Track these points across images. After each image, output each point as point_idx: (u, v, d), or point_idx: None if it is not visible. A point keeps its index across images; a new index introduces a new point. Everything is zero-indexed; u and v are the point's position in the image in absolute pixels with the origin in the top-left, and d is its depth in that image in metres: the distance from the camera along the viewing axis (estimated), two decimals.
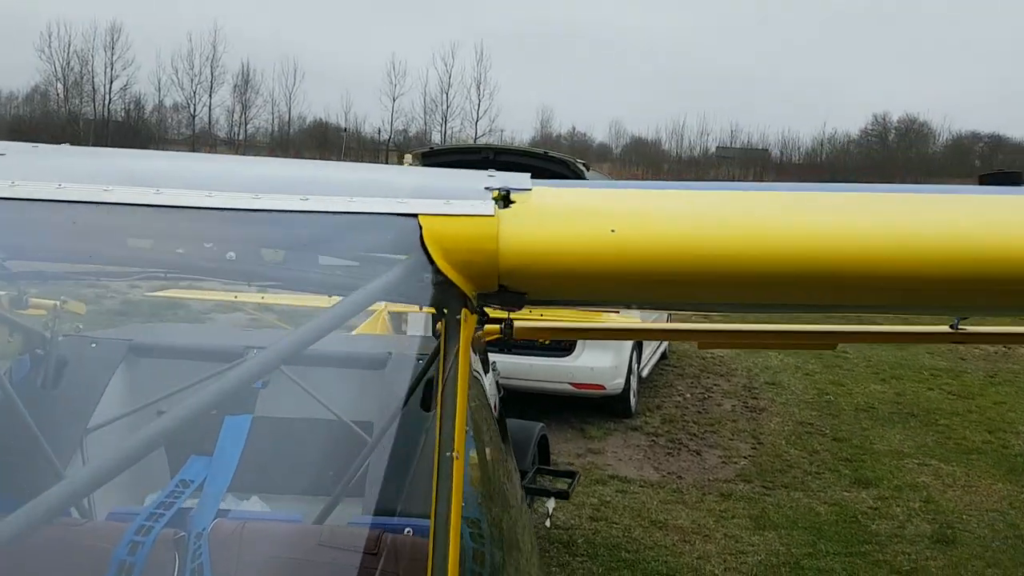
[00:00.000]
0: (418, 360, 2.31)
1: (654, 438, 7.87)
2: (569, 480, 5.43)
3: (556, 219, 1.26)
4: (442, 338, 1.22)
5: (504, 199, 1.28)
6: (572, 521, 5.88)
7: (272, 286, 1.70)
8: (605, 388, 7.81)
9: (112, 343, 2.45)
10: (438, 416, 1.18)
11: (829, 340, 1.85)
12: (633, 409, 8.33)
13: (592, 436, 7.73)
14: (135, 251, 1.42)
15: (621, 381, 7.92)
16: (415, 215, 1.24)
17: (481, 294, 1.26)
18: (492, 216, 1.24)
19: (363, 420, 2.41)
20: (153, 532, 1.86)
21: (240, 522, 1.96)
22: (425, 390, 2.22)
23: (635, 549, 5.52)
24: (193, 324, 2.04)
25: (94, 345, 2.42)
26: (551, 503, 5.30)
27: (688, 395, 9.39)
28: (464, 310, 1.23)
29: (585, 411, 8.14)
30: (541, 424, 5.39)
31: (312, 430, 2.40)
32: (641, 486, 6.65)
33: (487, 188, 1.34)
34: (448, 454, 1.15)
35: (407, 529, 1.91)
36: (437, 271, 1.20)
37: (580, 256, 1.21)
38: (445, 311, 1.23)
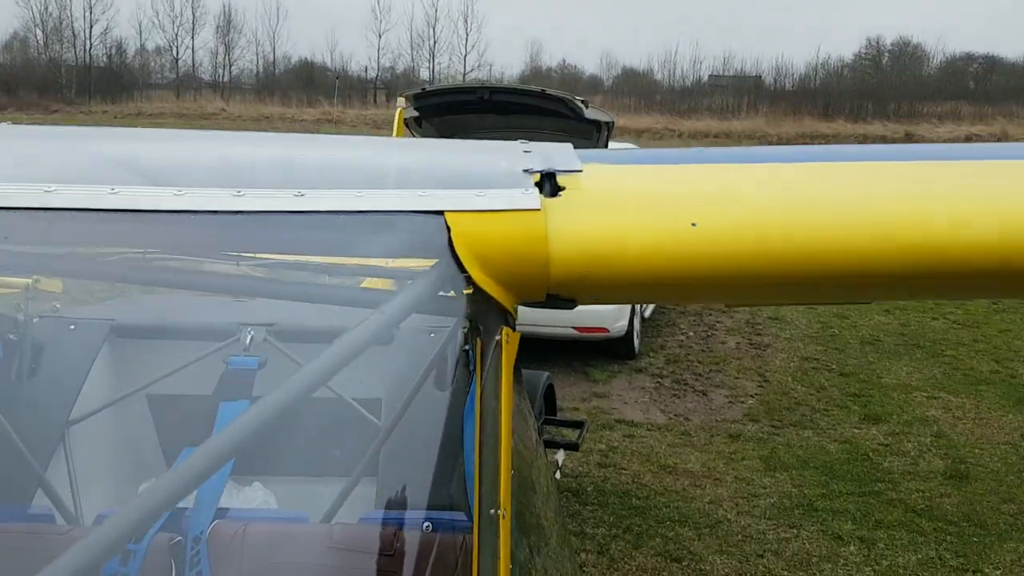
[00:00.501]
0: (430, 333, 2.09)
1: (659, 379, 7.76)
2: (578, 430, 5.32)
3: (621, 211, 0.99)
4: (477, 364, 1.00)
5: (549, 184, 1.02)
6: (580, 468, 5.78)
7: (271, 297, 1.46)
8: (608, 331, 7.67)
9: (92, 324, 2.25)
10: (477, 465, 0.97)
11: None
12: (637, 350, 8.21)
13: (596, 380, 7.62)
14: (87, 264, 1.20)
15: (624, 323, 7.78)
16: (441, 212, 0.99)
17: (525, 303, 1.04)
18: (538, 210, 0.99)
19: (370, 399, 2.24)
20: (146, 538, 1.69)
21: (242, 523, 1.80)
22: (440, 369, 2.02)
23: (645, 495, 5.44)
24: (180, 298, 1.87)
25: (73, 327, 2.22)
26: (560, 455, 5.19)
27: (691, 333, 9.27)
28: (505, 329, 1.00)
29: (588, 354, 8.01)
30: (547, 373, 5.24)
31: (315, 410, 2.22)
32: (648, 430, 6.56)
33: (526, 170, 1.08)
34: (492, 512, 0.94)
35: (425, 524, 1.75)
36: (471, 282, 0.96)
37: (653, 259, 0.95)
38: (480, 327, 1.00)
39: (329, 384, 2.17)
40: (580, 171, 1.07)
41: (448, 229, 0.98)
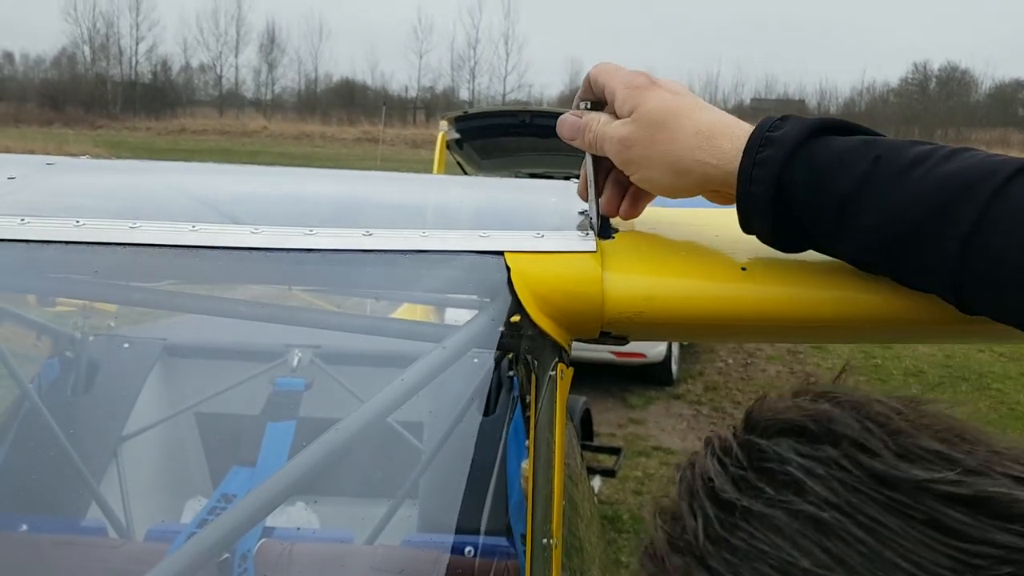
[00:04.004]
0: (474, 360, 2.11)
1: (697, 407, 7.70)
2: (614, 456, 5.30)
3: (673, 254, 1.01)
4: (532, 398, 1.02)
5: (604, 227, 1.05)
6: (616, 495, 5.74)
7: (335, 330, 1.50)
8: (646, 356, 7.61)
9: (145, 343, 2.31)
10: (529, 496, 0.99)
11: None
12: (675, 377, 8.15)
13: (633, 405, 7.57)
14: (163, 296, 1.24)
15: (663, 348, 7.72)
16: (501, 252, 1.03)
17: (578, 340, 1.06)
18: (594, 252, 1.01)
19: (411, 422, 2.26)
20: None
21: (288, 542, 1.82)
22: (483, 396, 2.03)
23: None
24: (230, 319, 1.92)
25: (126, 345, 2.28)
26: (597, 481, 5.17)
27: (731, 360, 9.19)
28: (560, 365, 1.02)
29: (626, 379, 7.96)
30: (584, 398, 5.24)
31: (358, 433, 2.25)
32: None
33: (582, 212, 1.10)
34: (545, 542, 0.96)
35: (467, 548, 1.77)
36: (528, 320, 0.99)
37: (704, 301, 0.98)
38: (535, 362, 1.02)
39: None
40: None
41: (508, 269, 1.01)
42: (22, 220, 1.03)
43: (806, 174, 0.83)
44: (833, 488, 0.47)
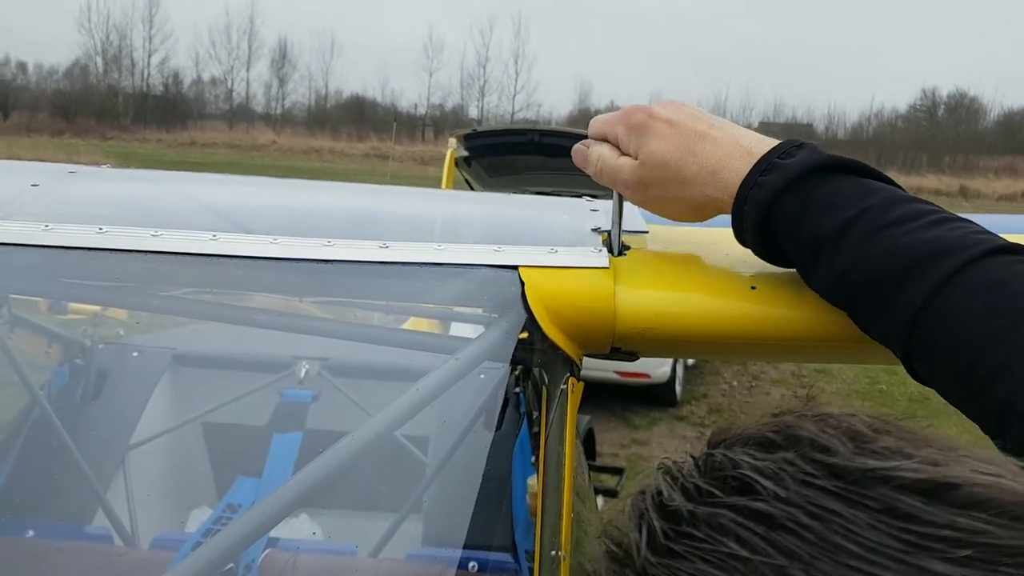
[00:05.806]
0: (481, 375, 2.13)
1: (701, 429, 7.68)
2: (617, 476, 5.29)
3: (683, 272, 1.04)
4: (542, 410, 1.04)
5: (616, 243, 1.07)
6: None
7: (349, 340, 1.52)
8: (650, 377, 7.61)
9: (155, 352, 2.33)
10: (539, 509, 1.00)
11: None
12: (678, 398, 8.14)
13: (637, 426, 7.56)
14: (180, 304, 1.25)
15: (667, 369, 7.72)
16: (515, 267, 1.04)
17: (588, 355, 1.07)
18: (606, 268, 1.02)
19: (418, 436, 2.27)
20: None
21: (292, 553, 1.83)
22: (490, 411, 2.05)
23: None
24: (239, 329, 1.93)
25: (136, 354, 2.29)
26: (599, 501, 5.15)
27: (735, 383, 9.17)
28: (571, 379, 1.03)
29: (629, 399, 7.95)
30: (587, 418, 5.24)
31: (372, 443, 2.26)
32: None
33: (594, 229, 1.12)
34: (553, 553, 0.97)
35: (471, 564, 1.77)
36: (540, 334, 1.00)
37: (713, 319, 0.99)
38: (547, 376, 1.03)
39: None
40: (646, 232, 1.12)
41: (522, 283, 1.02)
42: (46, 227, 1.05)
43: (795, 208, 0.86)
44: (784, 484, 0.45)
